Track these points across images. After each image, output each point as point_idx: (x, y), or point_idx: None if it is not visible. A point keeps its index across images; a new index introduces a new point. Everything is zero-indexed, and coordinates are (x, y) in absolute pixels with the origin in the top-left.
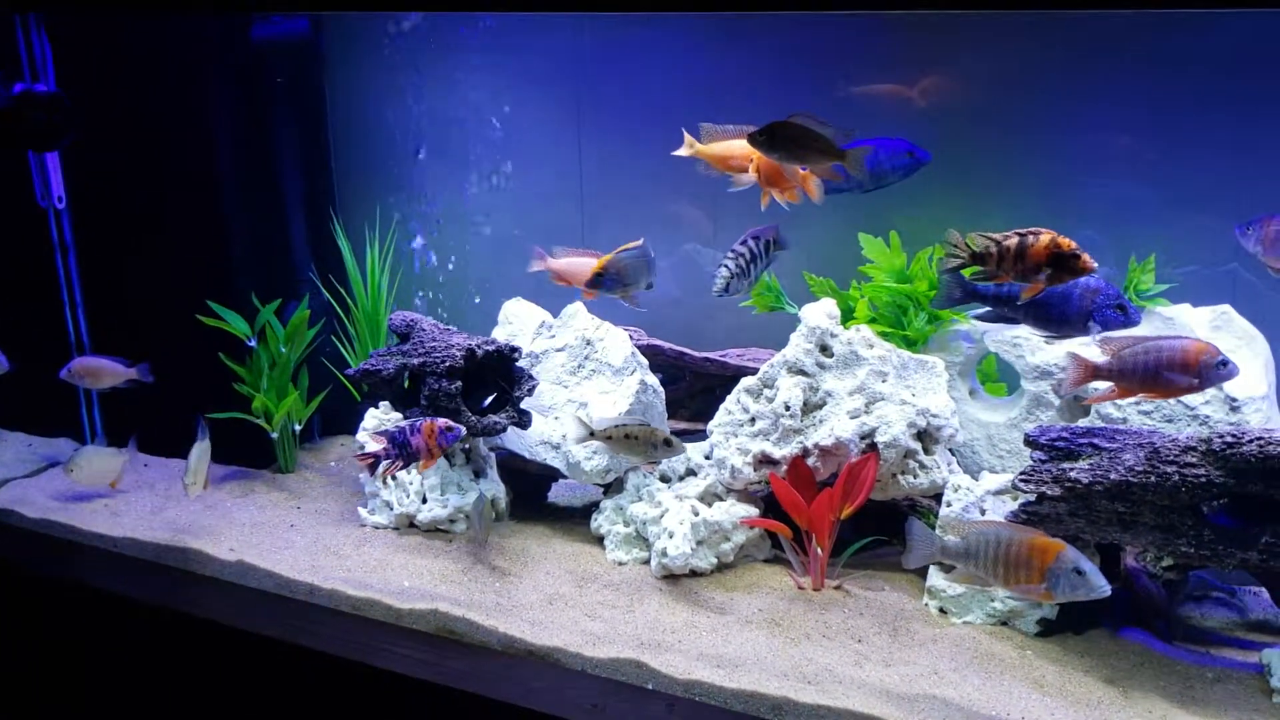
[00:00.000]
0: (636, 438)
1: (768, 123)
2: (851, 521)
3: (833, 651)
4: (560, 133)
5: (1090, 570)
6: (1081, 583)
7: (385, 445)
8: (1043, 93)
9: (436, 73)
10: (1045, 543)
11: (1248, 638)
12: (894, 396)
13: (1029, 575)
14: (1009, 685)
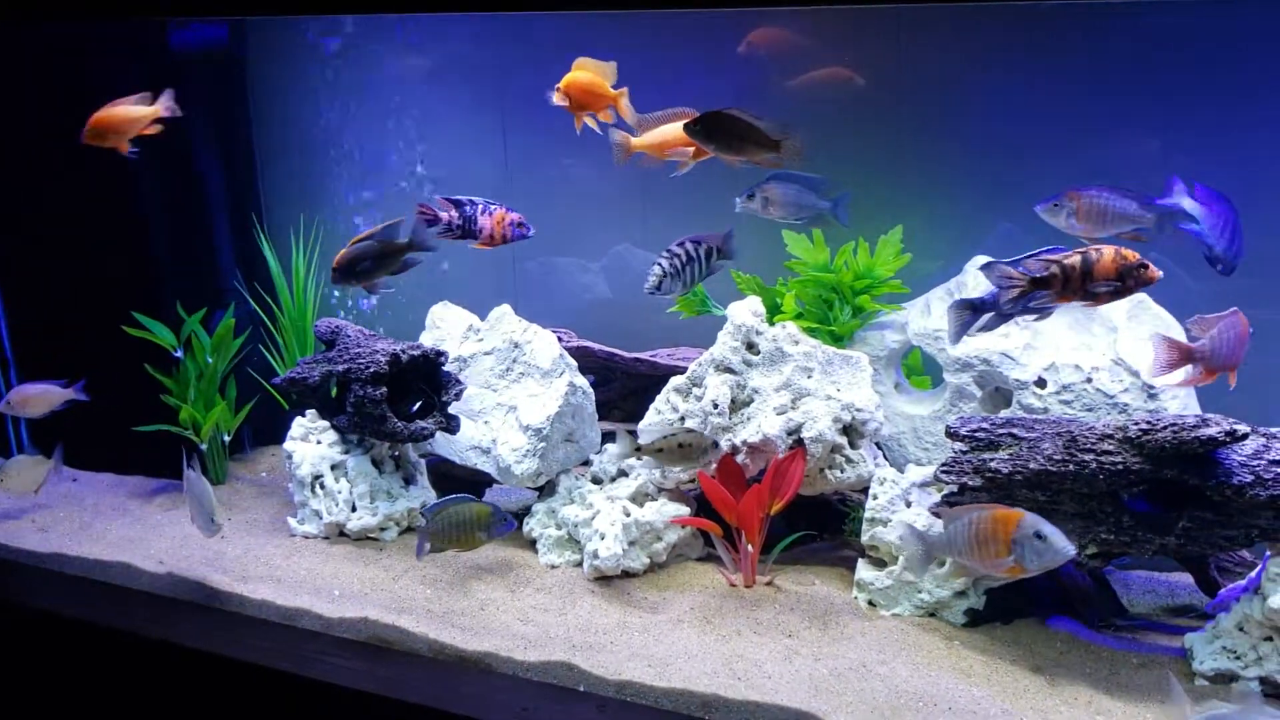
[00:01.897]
0: (690, 446)
1: (703, 112)
2: (783, 517)
3: (763, 647)
4: (486, 138)
5: (1052, 533)
6: (1046, 548)
7: (451, 213)
8: (964, 84)
9: (361, 77)
10: (1006, 513)
11: (1174, 623)
12: (819, 392)
13: (997, 549)
14: (936, 676)
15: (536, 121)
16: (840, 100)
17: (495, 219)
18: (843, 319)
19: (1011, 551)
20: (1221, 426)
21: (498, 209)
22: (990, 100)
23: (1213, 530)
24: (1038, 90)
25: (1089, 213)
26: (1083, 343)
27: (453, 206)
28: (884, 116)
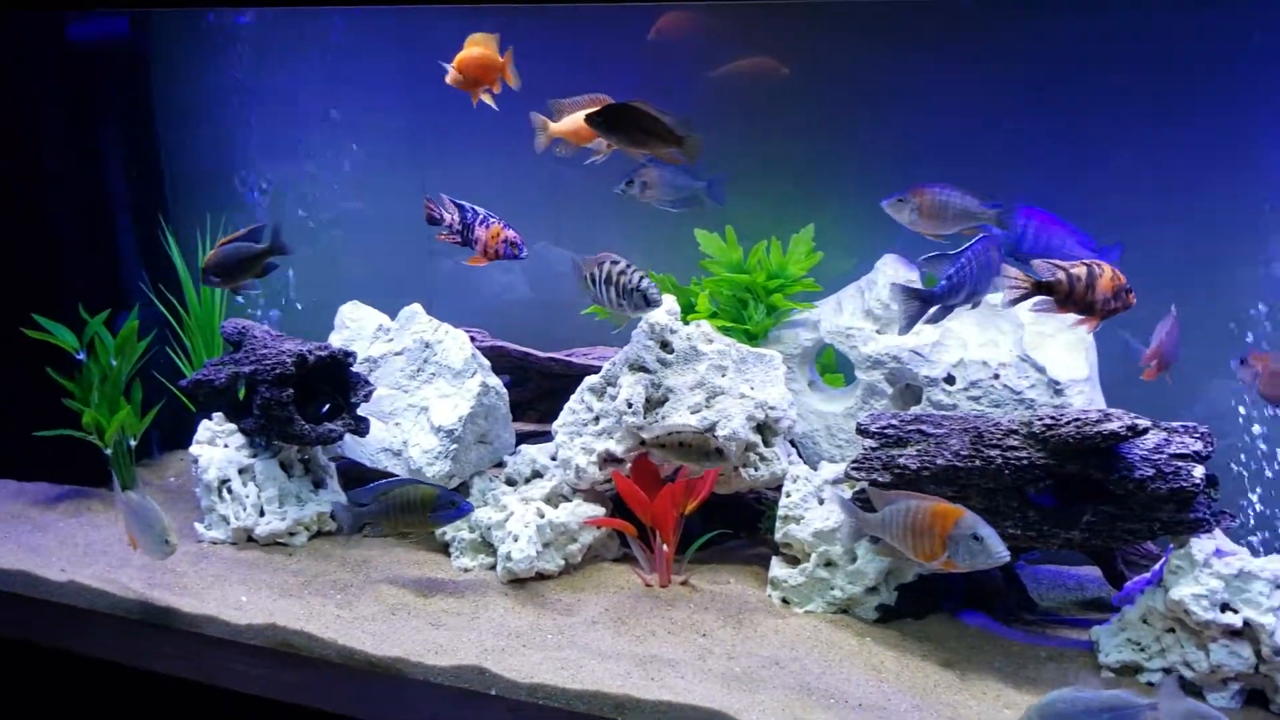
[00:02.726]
0: (691, 446)
1: (606, 105)
2: (700, 516)
3: (677, 647)
4: (401, 135)
5: (988, 535)
6: (980, 549)
7: (454, 216)
8: (878, 81)
9: (271, 73)
10: (945, 509)
11: (1082, 615)
12: (733, 390)
13: (932, 543)
14: (848, 672)
15: (453, 116)
16: (753, 97)
17: (491, 232)
18: (757, 318)
19: (946, 548)
20: (1123, 421)
21: (495, 223)
22: (903, 98)
23: (1116, 524)
24: (951, 88)
25: (931, 209)
26: (990, 340)
27: (456, 210)
28: (797, 114)
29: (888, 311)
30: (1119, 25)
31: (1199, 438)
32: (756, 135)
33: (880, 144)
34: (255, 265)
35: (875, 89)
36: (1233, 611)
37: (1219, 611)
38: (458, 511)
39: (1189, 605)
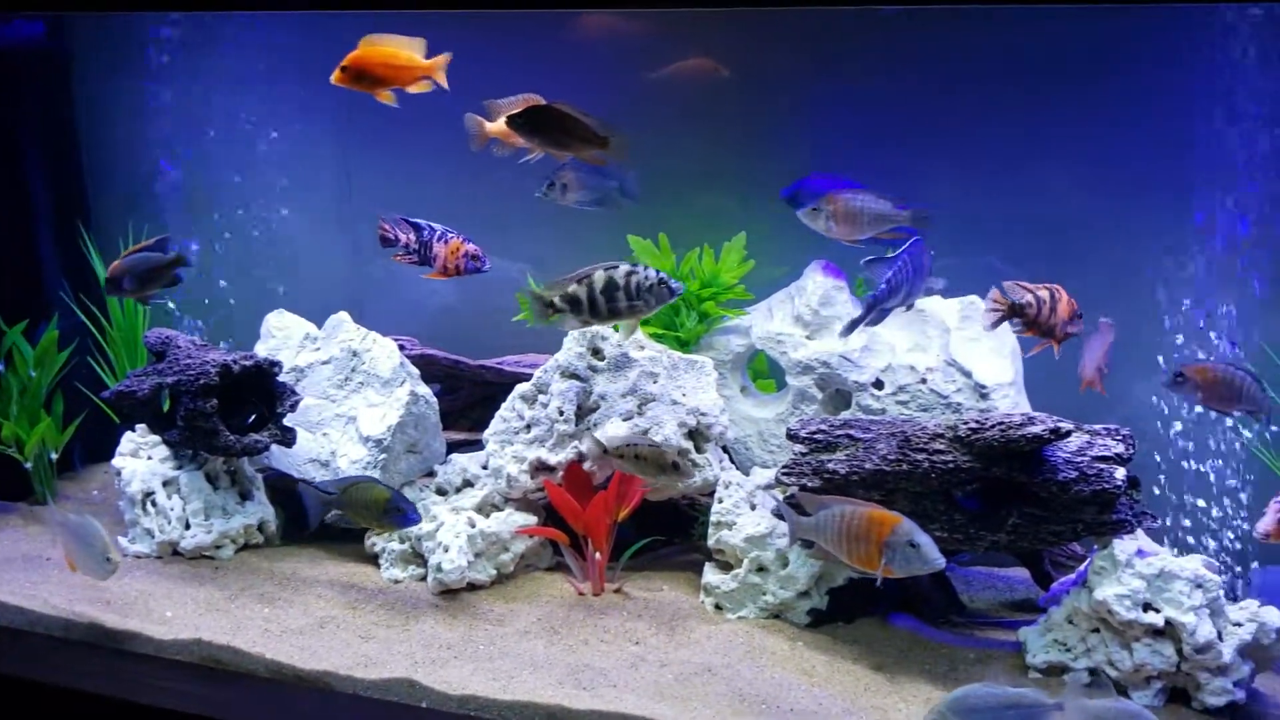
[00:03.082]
0: (646, 459)
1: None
2: (634, 523)
3: (610, 655)
4: (326, 140)
5: (925, 544)
6: (917, 556)
7: (409, 235)
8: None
9: (194, 79)
10: (882, 516)
11: (1011, 617)
12: (665, 397)
13: (868, 549)
14: (780, 677)
15: (380, 122)
16: (687, 105)
17: (450, 248)
18: (689, 325)
19: (883, 555)
20: (1046, 424)
21: (454, 238)
22: (834, 105)
23: (1041, 526)
24: (882, 95)
25: (845, 215)
26: (917, 344)
27: (411, 229)
28: (729, 121)
29: (817, 317)
30: (1043, 31)
31: (1121, 440)
32: (689, 143)
33: (811, 152)
34: (163, 275)
35: (806, 97)
36: (1155, 611)
37: (1141, 611)
38: (404, 519)
39: (1112, 605)
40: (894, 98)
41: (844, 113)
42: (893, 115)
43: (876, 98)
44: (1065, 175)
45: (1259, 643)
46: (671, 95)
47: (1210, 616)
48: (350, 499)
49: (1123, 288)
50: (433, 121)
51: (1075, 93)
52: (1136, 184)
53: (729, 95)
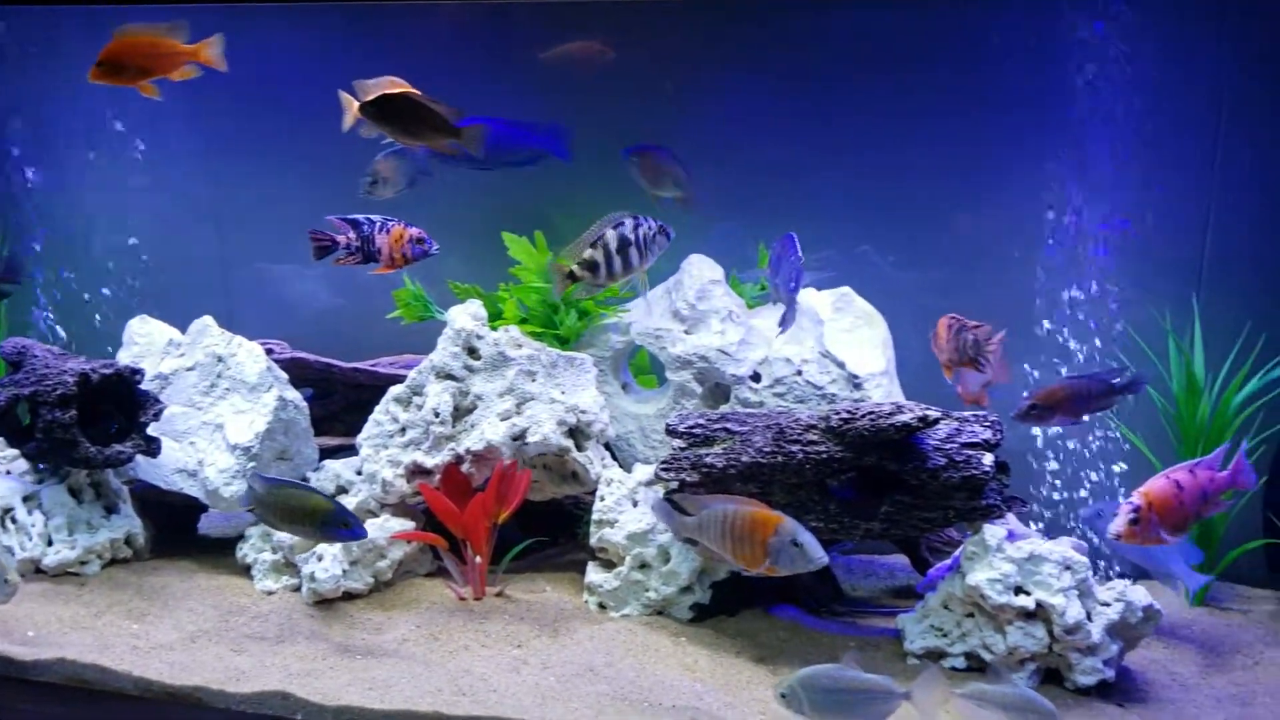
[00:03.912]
0: (550, 468)
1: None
2: (520, 524)
3: (491, 660)
4: (186, 140)
5: (808, 542)
6: (800, 555)
7: (350, 235)
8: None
9: (45, 76)
10: (765, 516)
11: (891, 604)
12: (544, 395)
13: (752, 549)
14: (662, 674)
15: (244, 121)
16: (565, 100)
17: (392, 237)
18: (568, 322)
19: (767, 555)
20: (914, 413)
21: (395, 225)
22: (707, 100)
23: (913, 513)
24: (753, 89)
25: (650, 170)
26: (793, 337)
27: (350, 227)
28: (603, 116)
29: (694, 312)
30: (912, 26)
31: (989, 426)
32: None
33: (691, 146)
34: None
35: (684, 90)
36: (1025, 594)
37: (1013, 594)
38: (350, 533)
39: (984, 590)
40: (771, 88)
41: (721, 105)
42: (770, 106)
43: (754, 89)
44: (936, 166)
45: (1126, 621)
46: (553, 89)
47: (1079, 597)
48: (280, 505)
49: (992, 274)
50: (300, 117)
51: (946, 83)
52: (1004, 173)
53: (606, 87)
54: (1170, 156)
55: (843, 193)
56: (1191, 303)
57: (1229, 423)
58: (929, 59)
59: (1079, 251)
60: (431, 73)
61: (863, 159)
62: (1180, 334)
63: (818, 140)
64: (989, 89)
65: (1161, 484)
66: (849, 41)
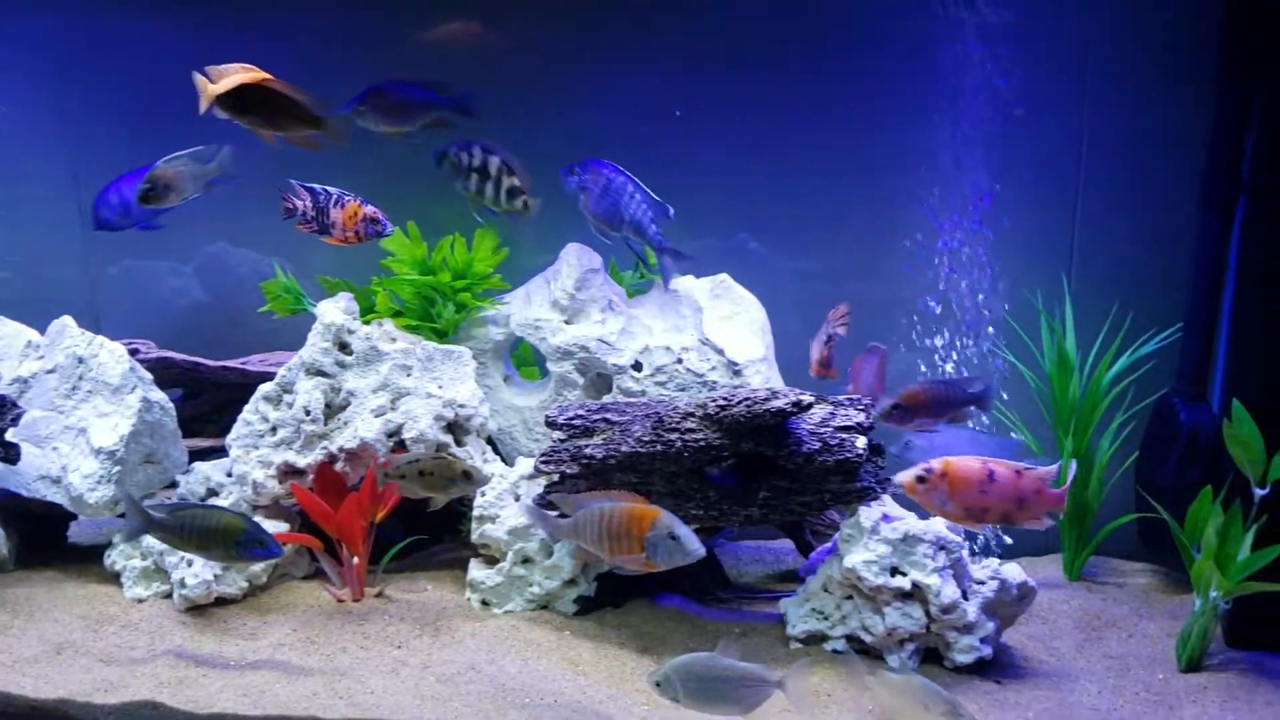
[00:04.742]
0: (433, 473)
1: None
2: (402, 522)
3: (370, 662)
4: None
5: (685, 535)
6: (678, 548)
7: (304, 201)
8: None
9: None
10: (642, 511)
11: (777, 588)
12: (420, 390)
13: (630, 545)
14: (545, 669)
15: (110, 112)
16: None
17: (347, 213)
18: (446, 315)
19: (644, 549)
20: (789, 398)
21: (351, 201)
22: (588, 89)
23: (790, 498)
24: (632, 76)
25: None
26: (673, 325)
27: (306, 194)
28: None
29: (574, 301)
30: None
31: (862, 410)
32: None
33: (568, 136)
34: None
35: (558, 80)
36: (901, 575)
37: (889, 576)
38: (267, 552)
39: (860, 572)
40: (649, 77)
41: (602, 94)
42: (647, 95)
43: (633, 76)
44: (813, 152)
45: (1001, 599)
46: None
47: (954, 577)
48: (187, 528)
49: (868, 263)
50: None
51: (819, 69)
52: (879, 158)
53: (484, 77)
54: (1039, 139)
55: (720, 181)
56: (1062, 283)
57: (1100, 400)
58: (802, 45)
59: (954, 235)
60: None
61: (739, 147)
62: (1052, 314)
63: (695, 128)
64: (864, 74)
65: (973, 466)
66: (723, 29)
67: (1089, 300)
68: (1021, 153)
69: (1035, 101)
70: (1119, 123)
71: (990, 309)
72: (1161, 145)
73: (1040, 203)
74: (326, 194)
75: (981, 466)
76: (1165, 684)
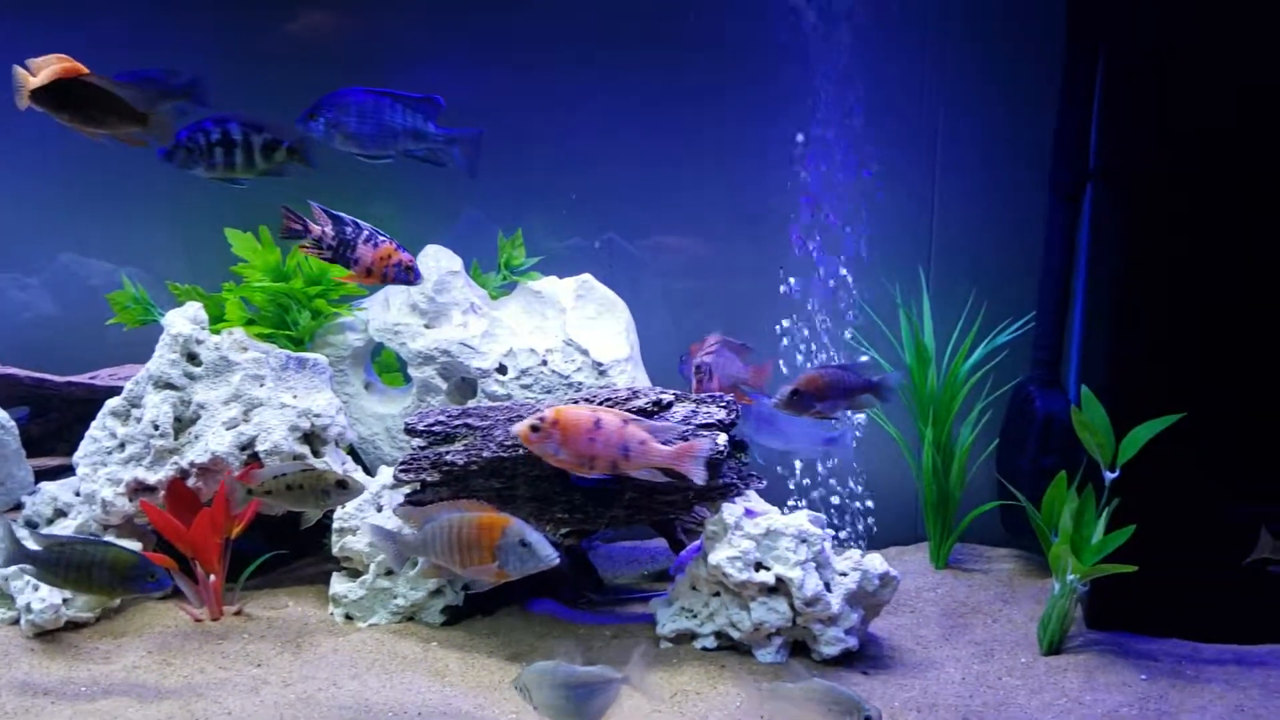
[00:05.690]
0: (302, 486)
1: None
2: (264, 537)
3: (228, 682)
4: None
5: (536, 541)
6: (529, 555)
7: (325, 229)
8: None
9: None
10: (491, 520)
11: (650, 589)
12: (274, 400)
13: (481, 555)
14: (409, 681)
15: None
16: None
17: (379, 253)
18: (303, 322)
19: (495, 557)
20: (649, 397)
21: (386, 243)
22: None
23: (655, 497)
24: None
25: None
26: (537, 327)
27: (331, 221)
28: None
29: (434, 305)
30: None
31: (724, 407)
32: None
33: None
34: None
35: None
36: (765, 569)
37: (753, 571)
38: (157, 585)
39: (725, 568)
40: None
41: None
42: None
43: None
44: (679, 149)
45: (864, 590)
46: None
47: (817, 569)
48: (68, 563)
49: (735, 260)
50: None
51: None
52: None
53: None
54: (897, 133)
55: (586, 180)
56: (919, 275)
57: (959, 390)
58: (665, 41)
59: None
60: None
61: (606, 145)
62: (914, 307)
63: (560, 128)
64: (724, 69)
65: (582, 414)
66: (584, 22)
67: (948, 292)
68: (882, 147)
69: (896, 94)
70: (974, 115)
71: (852, 303)
72: (1016, 136)
73: (901, 197)
74: (357, 228)
75: (590, 414)
76: (1028, 667)
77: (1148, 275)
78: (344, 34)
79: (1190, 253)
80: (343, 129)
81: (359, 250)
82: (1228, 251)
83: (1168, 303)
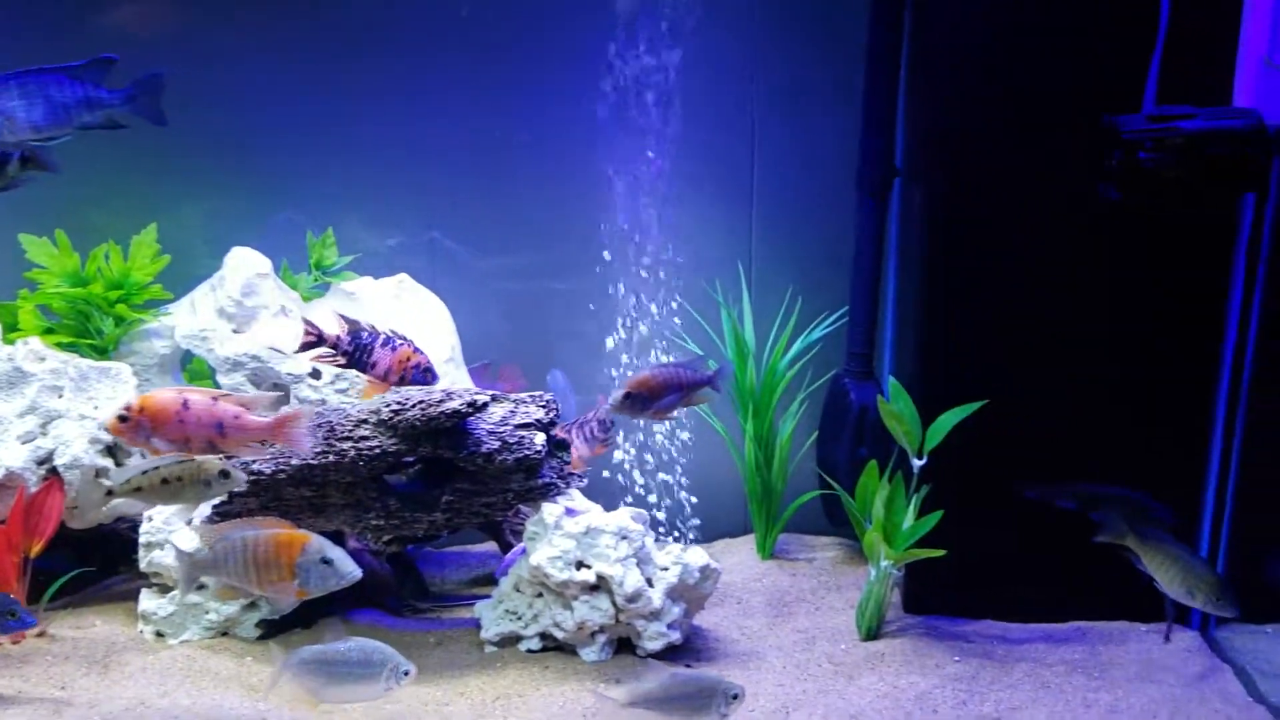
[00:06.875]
0: (180, 479)
1: None
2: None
3: (29, 707)
4: None
5: (338, 557)
6: (331, 572)
7: (341, 334)
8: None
9: None
10: (290, 537)
11: (477, 593)
12: (73, 412)
13: (280, 573)
14: (221, 698)
15: None
16: None
17: (398, 357)
18: (105, 330)
19: (296, 576)
20: (464, 399)
21: (404, 346)
22: (259, 85)
23: (474, 500)
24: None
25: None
26: None
27: (345, 326)
28: None
29: (241, 309)
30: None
31: (543, 406)
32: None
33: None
34: None
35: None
36: (586, 568)
37: (574, 570)
38: (21, 623)
39: (546, 569)
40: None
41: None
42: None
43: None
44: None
45: (685, 583)
46: None
47: (637, 565)
48: None
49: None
50: None
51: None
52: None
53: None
54: (715, 128)
55: (407, 177)
56: (738, 270)
57: (778, 384)
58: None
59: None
60: None
61: (425, 141)
62: (731, 302)
63: (377, 124)
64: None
65: (168, 396)
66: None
67: (768, 287)
68: (701, 142)
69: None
70: (790, 112)
71: (674, 300)
72: (830, 133)
73: (720, 189)
74: (373, 334)
75: (176, 396)
76: (847, 654)
77: (950, 270)
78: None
79: (991, 248)
80: (10, 117)
81: (376, 354)
82: (1026, 247)
83: (971, 296)
